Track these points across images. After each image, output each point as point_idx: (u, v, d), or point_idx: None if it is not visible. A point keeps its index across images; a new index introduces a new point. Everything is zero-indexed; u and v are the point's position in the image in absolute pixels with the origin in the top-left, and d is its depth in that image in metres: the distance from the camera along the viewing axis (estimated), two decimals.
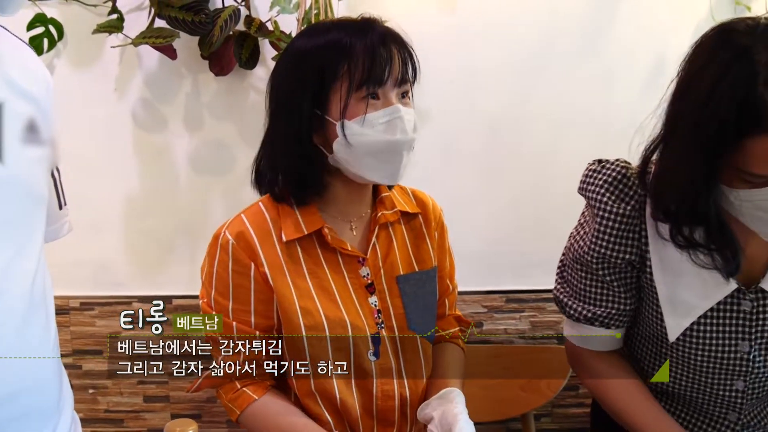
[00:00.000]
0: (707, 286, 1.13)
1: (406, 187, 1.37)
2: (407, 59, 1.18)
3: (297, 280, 1.20)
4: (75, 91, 1.94)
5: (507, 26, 1.93)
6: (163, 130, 1.97)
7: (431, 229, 1.34)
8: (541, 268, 2.03)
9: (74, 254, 1.99)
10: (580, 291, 1.24)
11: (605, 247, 1.17)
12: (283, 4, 1.74)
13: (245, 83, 1.95)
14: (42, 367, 0.91)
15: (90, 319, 2.03)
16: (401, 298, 1.26)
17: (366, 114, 1.12)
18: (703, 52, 1.02)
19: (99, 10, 1.88)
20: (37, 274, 0.89)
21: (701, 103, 0.97)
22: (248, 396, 1.20)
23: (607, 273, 1.19)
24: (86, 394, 2.06)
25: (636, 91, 1.96)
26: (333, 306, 1.20)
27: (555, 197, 1.99)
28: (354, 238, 1.26)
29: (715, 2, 1.90)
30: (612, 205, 1.15)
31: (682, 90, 1.04)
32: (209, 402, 2.07)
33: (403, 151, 1.15)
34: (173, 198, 2.00)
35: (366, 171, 1.16)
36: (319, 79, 1.13)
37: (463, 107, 1.97)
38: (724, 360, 1.16)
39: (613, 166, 1.18)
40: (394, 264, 1.27)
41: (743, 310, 1.13)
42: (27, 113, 0.87)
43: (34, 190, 0.89)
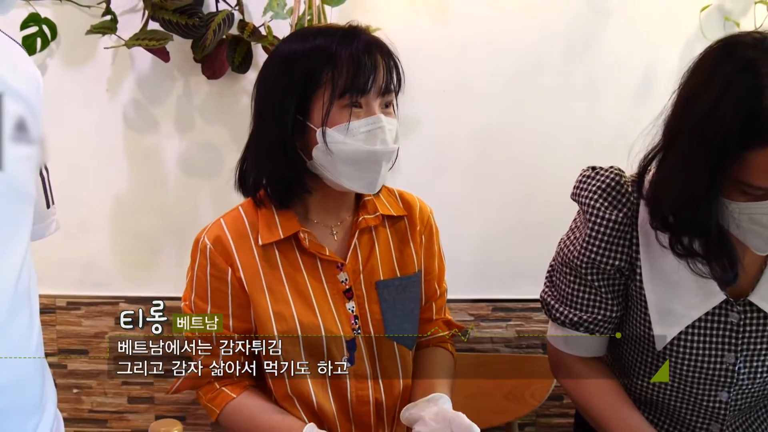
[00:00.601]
0: (696, 296, 1.14)
1: (393, 189, 1.36)
2: (392, 69, 1.18)
3: (273, 284, 1.20)
4: (67, 91, 1.94)
5: (498, 37, 1.94)
6: (154, 131, 1.97)
7: (416, 232, 1.32)
8: (529, 278, 2.03)
9: (62, 253, 1.99)
10: (568, 295, 1.24)
11: (596, 253, 1.17)
12: (277, 9, 1.75)
13: (237, 87, 1.95)
14: (24, 364, 0.91)
15: (76, 318, 2.02)
16: (379, 304, 1.25)
17: (349, 122, 1.12)
18: (708, 64, 1.02)
19: (93, 11, 1.89)
20: (22, 272, 0.89)
21: (705, 114, 0.98)
22: (226, 395, 1.21)
23: (596, 279, 1.20)
24: (71, 393, 2.06)
25: (625, 103, 1.97)
26: (308, 311, 1.20)
27: (544, 207, 2.00)
28: (334, 243, 1.26)
29: (705, 18, 1.91)
30: (604, 212, 1.16)
31: (685, 101, 1.04)
32: (194, 404, 2.06)
33: (382, 161, 1.15)
34: (162, 199, 2.00)
35: (344, 179, 1.15)
36: (303, 85, 1.13)
37: (454, 117, 1.98)
38: (710, 371, 1.16)
39: (607, 173, 1.19)
40: (375, 269, 1.26)
41: (731, 321, 1.14)
42: (16, 111, 0.87)
43: (21, 188, 0.89)
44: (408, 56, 1.91)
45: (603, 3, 1.94)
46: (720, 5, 1.93)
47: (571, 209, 1.27)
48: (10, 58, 0.91)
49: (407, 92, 1.91)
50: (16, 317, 0.89)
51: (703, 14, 1.91)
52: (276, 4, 1.75)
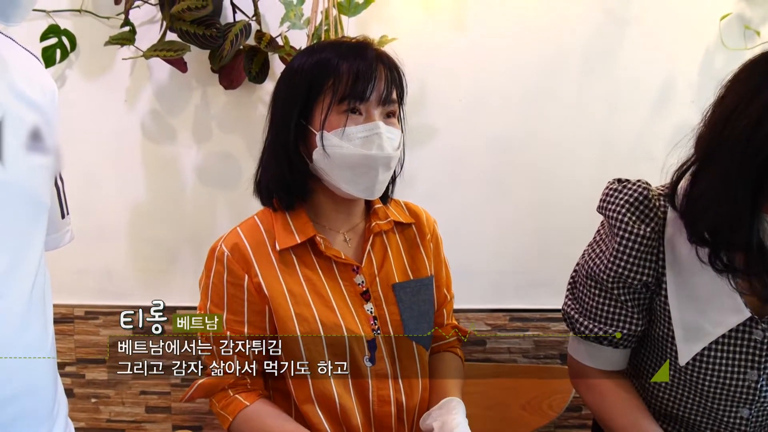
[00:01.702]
0: (721, 313, 1.13)
1: (399, 200, 1.40)
2: (394, 80, 1.22)
3: (292, 286, 1.22)
4: (86, 101, 1.95)
5: (516, 47, 1.94)
6: (172, 141, 1.98)
7: (426, 239, 1.37)
8: (546, 288, 2.03)
9: (80, 263, 2.00)
10: (592, 309, 1.24)
11: (623, 268, 1.17)
12: (294, 19, 1.75)
13: (254, 97, 1.96)
14: (38, 371, 0.91)
15: (94, 328, 2.03)
16: (397, 305, 1.28)
17: (345, 127, 1.17)
18: (752, 78, 1.01)
19: (112, 23, 1.90)
20: (36, 280, 0.90)
21: (749, 130, 0.97)
22: (240, 402, 1.22)
23: (622, 293, 1.20)
24: (89, 403, 2.06)
25: (643, 114, 1.96)
26: (329, 312, 1.22)
27: (561, 217, 1.99)
28: (348, 249, 1.29)
29: (725, 27, 1.90)
30: (633, 226, 1.15)
31: (725, 116, 1.02)
32: (210, 414, 2.07)
33: (378, 166, 1.19)
34: (180, 208, 2.01)
35: (342, 183, 1.20)
36: (306, 93, 1.19)
37: (471, 126, 1.97)
38: (732, 387, 1.16)
39: (635, 186, 1.18)
40: (390, 272, 1.30)
41: (755, 339, 1.13)
42: (31, 121, 0.88)
43: (35, 197, 0.90)
44: (425, 66, 1.93)
45: (621, 13, 1.93)
46: (740, 14, 1.91)
47: (589, 219, 1.26)
48: (26, 70, 0.93)
49: (424, 102, 1.92)
50: (30, 324, 0.90)
51: (723, 23, 1.89)
52: (293, 15, 1.75)
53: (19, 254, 0.87)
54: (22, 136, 0.87)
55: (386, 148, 1.18)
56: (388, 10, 1.90)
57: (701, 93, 1.05)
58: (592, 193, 1.37)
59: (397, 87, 1.24)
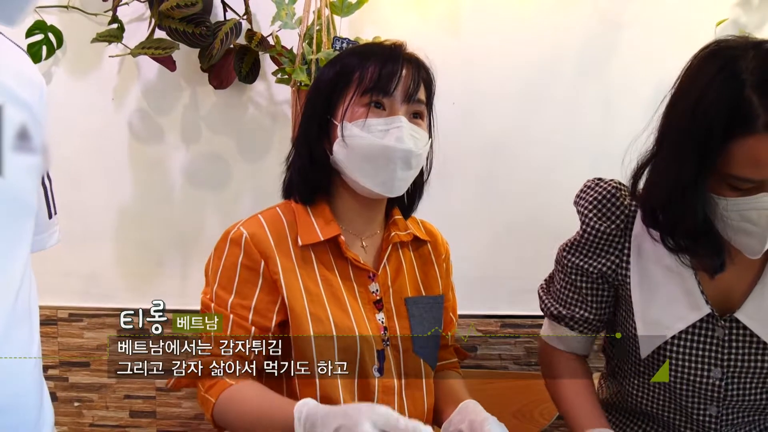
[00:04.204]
0: (683, 308, 1.17)
1: (416, 218, 1.39)
2: (421, 81, 1.22)
3: (309, 284, 1.19)
4: (72, 99, 1.93)
5: (510, 50, 1.93)
6: (160, 141, 1.95)
7: (440, 258, 1.37)
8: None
9: (65, 264, 1.97)
10: (556, 291, 1.32)
11: (579, 258, 1.25)
12: (285, 19, 1.73)
13: (244, 97, 1.93)
14: (23, 381, 0.88)
15: (78, 330, 2.00)
16: (409, 319, 1.26)
17: (367, 118, 1.16)
18: (693, 66, 1.07)
19: (99, 19, 1.88)
20: (22, 285, 0.87)
21: (689, 110, 1.02)
22: (225, 383, 1.14)
23: (578, 279, 1.27)
24: (72, 407, 2.03)
25: (637, 118, 1.93)
26: (343, 315, 1.19)
27: (554, 221, 1.97)
28: (365, 256, 1.27)
29: (721, 32, 1.89)
30: (595, 222, 1.22)
31: (672, 102, 1.09)
32: (196, 419, 2.04)
33: (396, 159, 1.17)
34: (167, 210, 1.98)
35: (359, 176, 1.18)
36: (332, 87, 1.20)
37: (464, 129, 1.96)
38: (697, 384, 1.18)
39: (605, 184, 1.24)
40: (403, 285, 1.28)
41: (716, 336, 1.16)
42: (19, 120, 0.85)
43: (22, 199, 0.88)
44: None
45: (616, 17, 1.93)
46: (736, 19, 1.91)
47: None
48: (13, 65, 0.90)
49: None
50: (15, 333, 0.87)
51: (719, 28, 1.89)
52: (284, 14, 1.73)
53: (4, 258, 0.84)
54: (9, 136, 0.84)
55: (406, 141, 1.16)
56: (381, 11, 1.89)
57: None
58: None
59: (426, 88, 1.23)
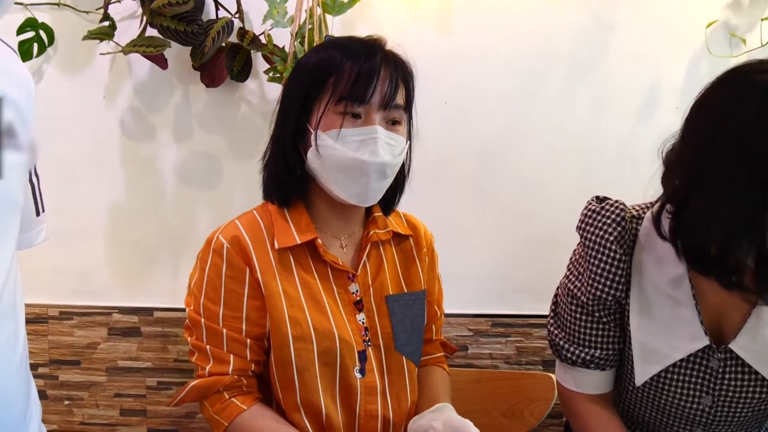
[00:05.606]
0: (681, 338, 1.14)
1: (398, 210, 1.37)
2: (400, 84, 1.18)
3: (288, 288, 1.18)
4: (63, 97, 1.92)
5: (501, 51, 1.93)
6: (152, 139, 1.95)
7: (422, 253, 1.35)
8: (529, 293, 2.02)
9: (56, 262, 1.96)
10: (576, 332, 1.24)
11: (601, 290, 1.17)
12: (277, 17, 1.72)
13: (236, 96, 1.93)
14: (8, 378, 0.88)
15: (69, 328, 1.99)
16: (389, 317, 1.25)
17: (341, 128, 1.12)
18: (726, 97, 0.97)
19: (91, 17, 1.87)
20: (7, 282, 0.87)
21: (742, 148, 0.92)
22: (237, 407, 1.17)
23: (604, 314, 1.20)
24: (62, 405, 2.02)
25: (629, 118, 1.96)
26: (322, 318, 1.18)
27: (545, 222, 1.98)
28: (344, 256, 1.26)
29: (711, 34, 1.90)
30: (610, 249, 1.15)
31: (711, 138, 0.97)
32: (187, 417, 2.03)
33: (371, 173, 1.14)
34: (159, 208, 1.97)
35: (333, 186, 1.17)
36: (307, 90, 1.16)
37: (456, 129, 1.95)
38: (686, 410, 1.18)
39: (612, 208, 1.18)
40: (384, 284, 1.27)
41: (711, 366, 1.15)
42: (5, 117, 0.85)
43: (7, 196, 0.87)
44: None
45: (608, 18, 1.93)
46: (726, 21, 1.92)
47: (573, 225, 1.25)
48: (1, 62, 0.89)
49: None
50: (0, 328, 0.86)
51: (709, 30, 1.89)
52: (276, 13, 1.72)
53: None
54: None
55: (381, 155, 1.13)
56: (373, 10, 1.88)
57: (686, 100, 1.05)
58: (577, 198, 1.36)
59: (405, 92, 1.19)
